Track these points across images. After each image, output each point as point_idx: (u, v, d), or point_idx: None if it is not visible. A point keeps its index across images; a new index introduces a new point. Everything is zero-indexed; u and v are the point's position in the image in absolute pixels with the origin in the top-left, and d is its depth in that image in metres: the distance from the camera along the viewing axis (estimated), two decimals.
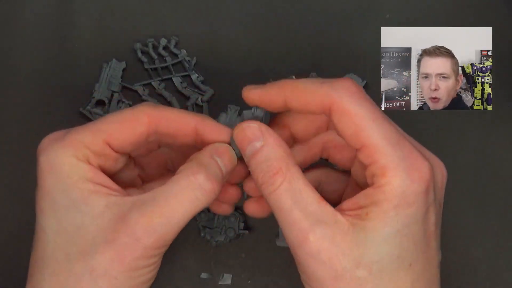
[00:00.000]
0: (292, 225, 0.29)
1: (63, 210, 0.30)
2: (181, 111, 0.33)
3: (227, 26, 0.49)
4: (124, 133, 0.32)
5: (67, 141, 0.31)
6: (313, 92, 0.31)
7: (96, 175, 0.31)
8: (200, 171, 0.31)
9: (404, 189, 0.29)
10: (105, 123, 0.32)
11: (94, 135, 0.31)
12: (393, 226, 0.29)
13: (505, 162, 0.47)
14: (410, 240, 0.29)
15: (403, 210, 0.29)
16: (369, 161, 0.29)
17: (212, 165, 0.32)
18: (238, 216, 0.46)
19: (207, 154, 0.32)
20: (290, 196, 0.30)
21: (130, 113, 0.32)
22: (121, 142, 0.32)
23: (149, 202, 0.30)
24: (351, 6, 0.49)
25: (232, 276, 0.46)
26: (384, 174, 0.29)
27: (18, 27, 0.49)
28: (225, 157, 0.33)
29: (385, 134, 0.29)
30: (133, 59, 0.49)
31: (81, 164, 0.30)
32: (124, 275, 0.29)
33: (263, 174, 0.30)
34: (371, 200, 0.29)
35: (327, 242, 0.29)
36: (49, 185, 0.30)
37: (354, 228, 0.29)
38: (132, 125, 0.32)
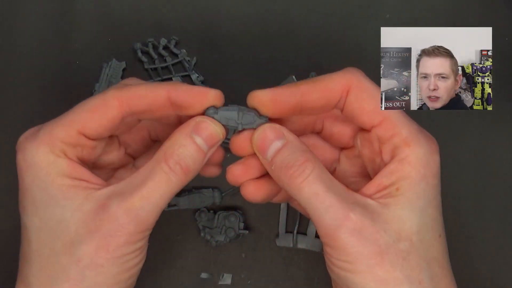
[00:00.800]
0: (330, 207, 0.29)
1: (43, 207, 0.30)
2: (151, 85, 0.32)
3: (227, 26, 0.49)
4: (96, 120, 0.31)
5: (42, 138, 0.31)
6: (332, 79, 0.32)
7: (74, 170, 0.31)
8: (171, 157, 0.31)
9: (428, 159, 0.30)
10: (76, 113, 0.31)
11: (67, 128, 0.31)
12: (425, 197, 0.30)
13: (505, 162, 0.47)
14: (438, 211, 0.31)
15: (431, 180, 0.30)
16: (390, 134, 0.30)
17: (188, 146, 0.31)
18: (238, 216, 0.46)
19: (184, 133, 0.32)
20: (323, 182, 0.30)
21: (100, 99, 0.31)
22: (95, 130, 0.31)
23: (127, 189, 0.30)
24: (351, 6, 0.49)
25: (232, 276, 0.46)
26: (408, 144, 0.30)
27: (18, 27, 0.49)
28: (205, 133, 0.32)
29: (399, 110, 0.31)
30: (133, 59, 0.49)
31: (58, 160, 0.30)
32: (110, 262, 0.30)
33: (291, 167, 0.31)
34: (398, 174, 0.30)
35: (368, 220, 0.29)
36: (28, 184, 0.31)
37: (388, 206, 0.30)
38: (103, 111, 0.31)
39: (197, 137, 0.32)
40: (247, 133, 0.33)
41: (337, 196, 0.30)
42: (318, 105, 0.32)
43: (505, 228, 0.46)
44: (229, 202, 0.47)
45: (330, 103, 0.32)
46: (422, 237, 0.30)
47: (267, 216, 0.47)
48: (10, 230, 0.47)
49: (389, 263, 0.29)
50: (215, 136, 0.32)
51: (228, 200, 0.47)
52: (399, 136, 0.30)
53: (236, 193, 0.47)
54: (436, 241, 0.30)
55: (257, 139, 0.32)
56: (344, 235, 0.29)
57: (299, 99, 0.32)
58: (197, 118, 0.32)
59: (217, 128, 0.32)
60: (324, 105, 0.32)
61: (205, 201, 0.46)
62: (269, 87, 0.48)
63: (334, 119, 0.35)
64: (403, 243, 0.29)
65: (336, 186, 0.30)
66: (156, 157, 0.31)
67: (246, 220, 0.47)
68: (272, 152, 0.32)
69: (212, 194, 0.46)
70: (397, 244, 0.29)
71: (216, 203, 0.46)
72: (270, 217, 0.47)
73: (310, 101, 0.32)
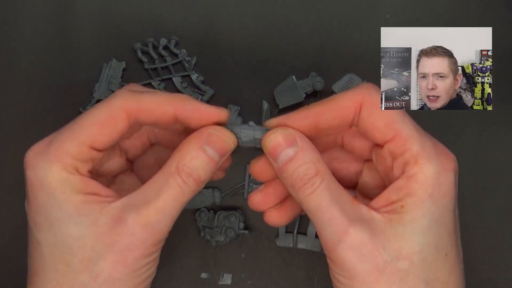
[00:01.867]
0: (332, 221, 0.29)
1: (58, 224, 0.30)
2: (159, 97, 0.32)
3: (227, 26, 0.49)
4: (106, 134, 0.31)
5: (54, 155, 0.30)
6: (344, 96, 0.32)
7: (86, 185, 0.31)
8: (183, 170, 0.31)
9: (438, 177, 0.29)
10: (85, 128, 0.31)
11: (79, 144, 0.31)
12: (430, 216, 0.29)
13: (505, 162, 0.47)
14: (445, 230, 0.30)
15: (439, 200, 0.29)
16: (400, 150, 0.30)
17: (200, 158, 0.31)
18: (238, 216, 0.46)
19: (196, 145, 0.31)
20: (329, 195, 0.30)
21: (107, 112, 0.31)
22: (105, 143, 0.32)
23: (141, 201, 0.30)
24: (351, 6, 0.49)
25: (232, 276, 0.46)
26: (417, 162, 0.29)
27: (18, 27, 0.49)
28: (216, 145, 0.32)
29: (414, 126, 0.31)
30: (133, 59, 0.49)
31: (71, 177, 0.30)
32: (127, 275, 0.30)
33: (301, 178, 0.30)
34: (404, 191, 0.29)
35: (368, 236, 0.29)
36: (42, 201, 0.30)
37: (391, 223, 0.29)
38: (112, 124, 0.31)
39: (209, 149, 0.31)
40: (266, 159, 0.33)
41: (341, 209, 0.29)
42: (333, 124, 0.32)
43: (505, 228, 0.46)
44: (229, 202, 0.47)
45: (345, 121, 0.32)
46: (424, 257, 0.29)
47: None
48: (10, 231, 0.47)
49: (386, 282, 0.29)
50: (226, 147, 0.32)
51: (228, 200, 0.47)
52: (410, 152, 0.30)
53: (236, 193, 0.47)
54: (440, 261, 0.30)
55: (269, 145, 0.32)
56: (343, 251, 0.29)
57: (313, 121, 0.32)
58: (209, 129, 0.32)
59: (228, 140, 0.32)
60: (339, 124, 0.32)
61: (205, 201, 0.46)
62: (269, 87, 0.48)
63: (353, 135, 0.35)
64: (402, 262, 0.29)
65: (342, 199, 0.30)
66: (168, 169, 0.31)
67: (246, 220, 0.47)
68: (283, 160, 0.31)
69: (212, 194, 0.46)
70: (396, 263, 0.29)
71: (216, 203, 0.46)
72: None
73: (324, 121, 0.32)
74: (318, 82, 0.47)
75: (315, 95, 0.47)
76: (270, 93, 0.48)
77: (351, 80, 0.47)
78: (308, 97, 0.47)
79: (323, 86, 0.47)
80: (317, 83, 0.47)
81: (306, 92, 0.47)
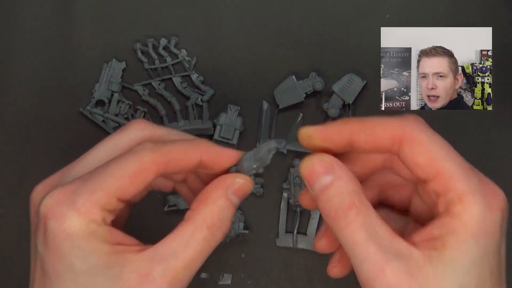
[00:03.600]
0: (367, 259, 0.28)
1: (83, 275, 0.29)
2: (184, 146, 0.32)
3: (227, 26, 0.49)
4: (136, 186, 0.31)
5: (82, 206, 0.29)
6: (383, 124, 0.30)
7: (113, 235, 0.30)
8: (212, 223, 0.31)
9: (483, 217, 0.28)
10: (116, 178, 0.30)
11: (109, 195, 0.30)
12: (472, 256, 0.28)
13: (505, 162, 0.47)
14: (488, 270, 0.29)
15: (482, 240, 0.28)
16: (444, 189, 0.29)
17: (227, 208, 0.32)
18: (238, 216, 0.46)
19: (221, 192, 0.32)
20: (365, 230, 0.29)
21: (139, 164, 0.31)
22: (132, 194, 0.31)
23: (167, 254, 0.30)
24: (351, 6, 0.49)
25: (232, 276, 0.46)
26: (461, 201, 0.28)
27: (18, 27, 0.49)
28: (242, 193, 0.32)
29: (459, 162, 0.29)
30: (133, 59, 0.49)
31: (99, 229, 0.30)
32: None
33: (335, 209, 0.29)
34: (447, 229, 0.28)
35: (404, 275, 0.28)
36: (66, 252, 0.29)
37: (430, 260, 0.28)
38: (143, 177, 0.31)
39: (234, 198, 0.32)
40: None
41: (377, 245, 0.28)
42: (366, 147, 0.31)
43: None
44: None
45: (379, 148, 0.31)
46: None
47: (267, 216, 0.47)
48: (10, 230, 0.47)
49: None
50: (248, 192, 0.33)
51: None
52: (454, 191, 0.29)
53: None
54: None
55: (305, 171, 0.31)
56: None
57: (347, 139, 0.31)
58: (234, 177, 0.32)
59: (250, 184, 0.33)
60: (372, 149, 0.31)
61: None
62: (269, 87, 0.48)
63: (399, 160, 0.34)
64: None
65: (380, 234, 0.29)
66: (194, 221, 0.31)
67: (246, 220, 0.47)
68: (319, 189, 0.30)
69: None
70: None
71: None
72: (270, 217, 0.47)
73: (358, 141, 0.31)
74: (318, 82, 0.47)
75: (315, 95, 0.47)
76: (270, 93, 0.48)
77: (351, 80, 0.47)
78: (308, 97, 0.47)
79: (323, 86, 0.47)
80: (317, 83, 0.47)
81: (306, 92, 0.47)
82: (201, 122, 0.47)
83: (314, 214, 0.46)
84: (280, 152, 0.47)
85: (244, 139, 0.47)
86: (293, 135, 0.47)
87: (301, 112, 0.48)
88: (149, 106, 0.48)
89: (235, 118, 0.47)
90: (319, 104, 0.48)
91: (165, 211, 0.46)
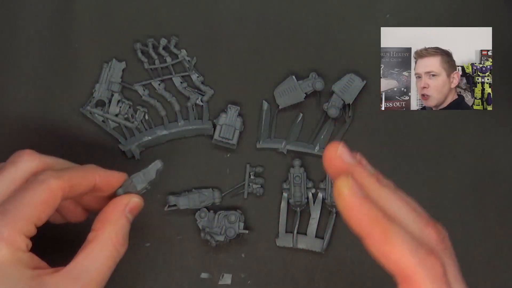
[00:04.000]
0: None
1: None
2: (82, 172, 0.37)
3: (227, 26, 0.49)
4: (48, 212, 0.35)
5: (9, 238, 0.32)
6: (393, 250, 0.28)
7: (33, 260, 0.34)
8: (118, 241, 0.35)
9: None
10: (32, 207, 0.34)
11: (28, 223, 0.33)
12: None
13: (505, 162, 0.47)
14: None
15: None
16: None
17: (125, 225, 0.37)
18: (238, 216, 0.46)
19: (121, 212, 0.36)
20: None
21: (47, 191, 0.34)
22: (44, 219, 0.35)
23: (82, 273, 0.34)
24: (351, 6, 0.49)
25: (232, 276, 0.46)
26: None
27: (18, 27, 0.49)
28: (135, 211, 0.37)
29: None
30: (133, 59, 0.49)
31: (24, 256, 0.33)
32: None
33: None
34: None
35: None
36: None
37: None
38: (52, 202, 0.35)
39: (130, 216, 0.37)
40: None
41: None
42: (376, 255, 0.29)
43: (505, 228, 0.46)
44: (229, 202, 0.47)
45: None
46: None
47: (267, 216, 0.47)
48: None
49: None
50: (140, 208, 0.38)
51: (228, 200, 0.47)
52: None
53: (236, 193, 0.47)
54: None
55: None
56: None
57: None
58: (130, 197, 0.37)
59: (142, 203, 0.38)
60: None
61: (205, 201, 0.46)
62: (269, 87, 0.48)
63: None
64: None
65: None
66: (102, 240, 0.35)
67: (246, 220, 0.47)
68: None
69: (212, 194, 0.46)
70: None
71: (216, 203, 0.46)
72: (270, 217, 0.47)
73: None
74: (318, 82, 0.47)
75: (315, 95, 0.47)
76: (270, 93, 0.48)
77: (351, 80, 0.47)
78: (308, 97, 0.47)
79: (323, 86, 0.47)
80: (317, 83, 0.47)
81: (306, 92, 0.47)
82: (201, 122, 0.47)
83: (314, 214, 0.46)
84: (280, 152, 0.47)
85: (244, 139, 0.47)
86: (293, 135, 0.47)
87: (301, 112, 0.48)
88: (149, 106, 0.48)
89: (235, 118, 0.47)
90: (319, 104, 0.48)
91: (165, 211, 0.46)
